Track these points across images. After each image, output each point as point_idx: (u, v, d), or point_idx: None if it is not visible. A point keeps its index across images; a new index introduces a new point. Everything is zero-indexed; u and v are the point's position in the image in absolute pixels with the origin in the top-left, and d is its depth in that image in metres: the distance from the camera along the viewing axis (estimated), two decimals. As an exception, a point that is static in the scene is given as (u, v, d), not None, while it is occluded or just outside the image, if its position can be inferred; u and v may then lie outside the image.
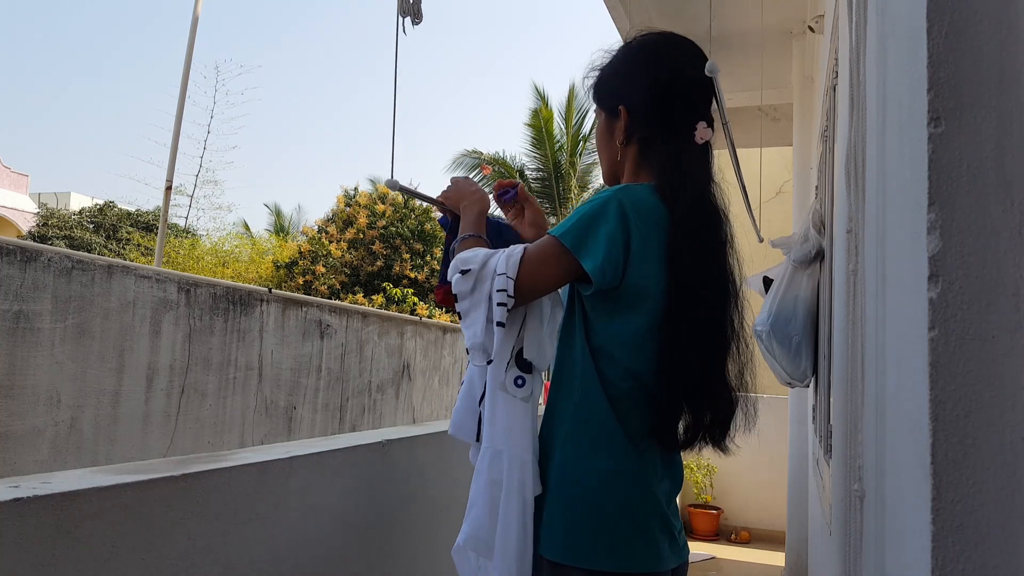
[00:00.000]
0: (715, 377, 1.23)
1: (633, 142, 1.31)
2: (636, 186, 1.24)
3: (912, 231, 0.67)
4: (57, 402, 3.63)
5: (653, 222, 1.19)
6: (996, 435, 0.59)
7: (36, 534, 0.87)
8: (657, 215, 1.20)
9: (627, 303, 1.19)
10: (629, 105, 1.30)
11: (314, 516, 1.37)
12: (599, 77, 1.38)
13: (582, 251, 1.15)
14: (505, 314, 1.17)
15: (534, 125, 16.58)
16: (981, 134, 0.62)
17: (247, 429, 4.93)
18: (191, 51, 8.19)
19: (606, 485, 1.17)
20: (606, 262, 1.14)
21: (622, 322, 1.20)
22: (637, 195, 1.20)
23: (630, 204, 1.18)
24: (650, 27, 1.39)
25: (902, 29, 0.76)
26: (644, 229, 1.17)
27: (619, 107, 1.31)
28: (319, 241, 13.38)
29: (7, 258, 3.43)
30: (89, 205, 20.51)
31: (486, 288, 1.20)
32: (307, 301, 5.71)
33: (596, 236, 1.15)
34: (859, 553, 1.13)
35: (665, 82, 1.28)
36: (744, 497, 6.07)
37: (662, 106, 1.28)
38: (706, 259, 1.21)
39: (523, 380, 1.23)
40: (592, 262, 1.14)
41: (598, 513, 1.17)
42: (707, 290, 1.21)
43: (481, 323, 1.21)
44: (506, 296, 1.17)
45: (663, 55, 1.32)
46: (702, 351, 1.20)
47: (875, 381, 0.95)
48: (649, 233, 1.18)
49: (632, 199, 1.19)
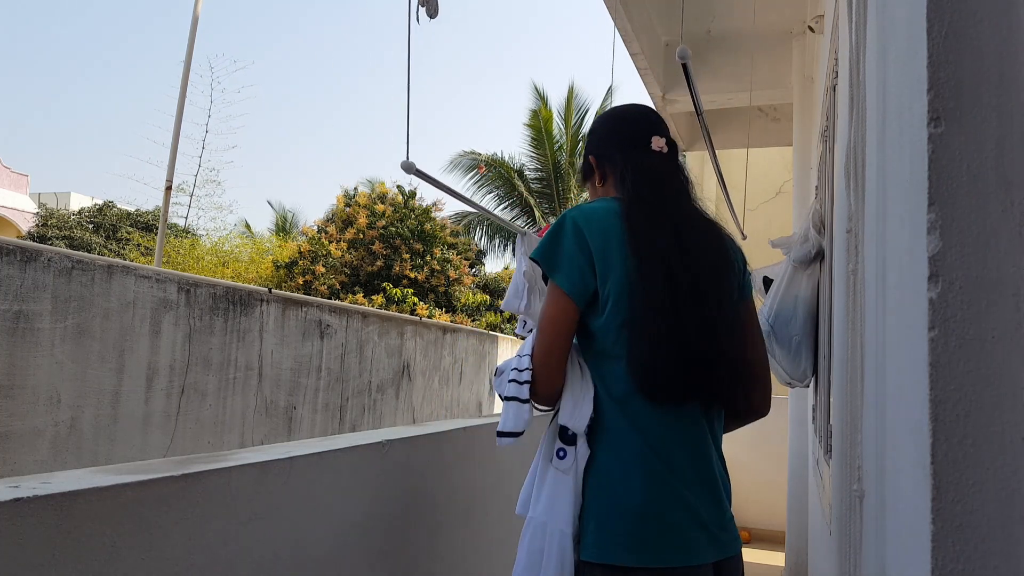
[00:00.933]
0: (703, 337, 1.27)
1: (606, 177, 1.49)
2: (588, 203, 1.40)
3: (912, 231, 0.67)
4: (57, 402, 3.63)
5: (609, 220, 1.32)
6: (996, 435, 0.59)
7: (36, 534, 0.87)
8: (610, 213, 1.33)
9: (611, 299, 1.29)
10: (594, 152, 1.51)
11: (314, 516, 1.37)
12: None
13: (553, 270, 1.30)
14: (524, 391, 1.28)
15: (533, 125, 16.59)
16: (981, 134, 0.62)
17: (247, 429, 4.93)
18: (191, 51, 8.19)
19: (624, 486, 1.24)
20: (573, 272, 1.29)
21: (607, 318, 1.29)
22: (587, 207, 1.35)
23: (580, 216, 1.33)
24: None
25: (902, 29, 0.76)
26: (600, 231, 1.30)
27: (590, 157, 1.51)
28: (319, 241, 13.38)
29: (7, 258, 3.43)
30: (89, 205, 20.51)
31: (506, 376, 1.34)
32: (307, 301, 5.71)
33: (558, 253, 1.31)
34: (859, 553, 1.13)
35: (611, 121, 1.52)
36: (744, 497, 6.07)
37: (612, 136, 1.49)
38: (670, 227, 1.31)
39: (564, 452, 1.28)
40: (561, 276, 1.29)
41: (619, 513, 1.23)
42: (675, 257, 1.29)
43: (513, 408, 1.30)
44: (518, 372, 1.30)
45: (615, 108, 1.56)
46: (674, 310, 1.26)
47: (875, 381, 0.95)
48: (607, 232, 1.30)
49: (582, 212, 1.34)
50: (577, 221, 1.31)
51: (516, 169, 16.69)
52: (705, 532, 1.25)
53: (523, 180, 16.61)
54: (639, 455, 1.24)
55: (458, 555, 1.99)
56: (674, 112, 5.27)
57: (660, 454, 1.25)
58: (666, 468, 1.24)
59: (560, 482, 1.26)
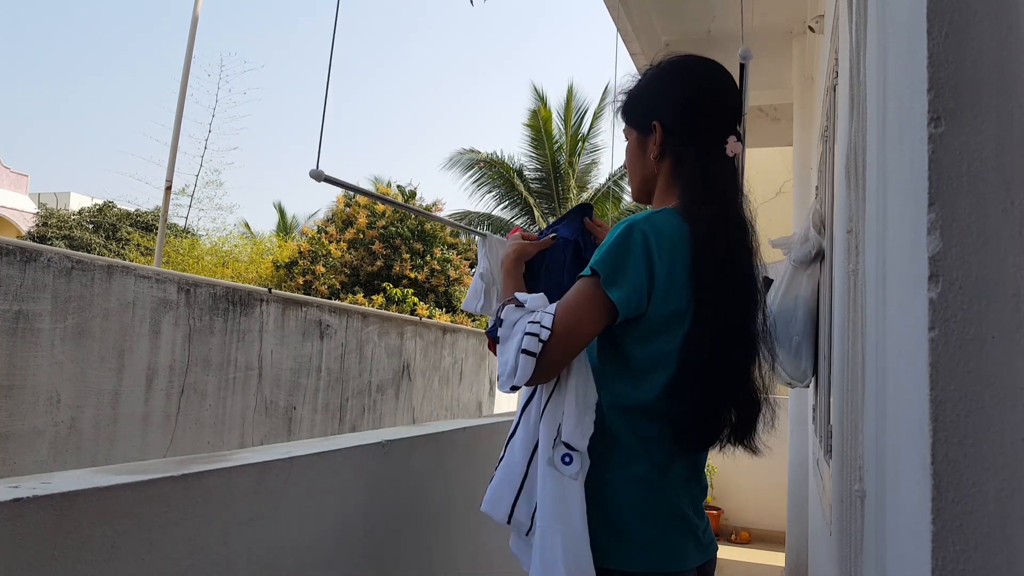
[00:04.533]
0: (739, 381, 1.26)
1: (667, 157, 1.34)
2: (658, 213, 1.26)
3: (912, 231, 0.67)
4: (57, 402, 3.63)
5: (677, 246, 1.22)
6: (996, 435, 0.59)
7: (36, 534, 0.87)
8: (680, 238, 1.23)
9: (657, 328, 1.22)
10: (663, 121, 1.33)
11: (314, 516, 1.37)
12: (628, 98, 1.42)
13: (610, 284, 1.18)
14: (536, 344, 1.17)
15: (533, 125, 16.58)
16: (981, 134, 0.62)
17: (247, 429, 4.93)
18: (191, 50, 8.20)
19: (625, 493, 1.23)
20: (632, 293, 1.18)
21: (654, 346, 1.23)
22: (659, 222, 1.23)
23: (652, 232, 1.21)
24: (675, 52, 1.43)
25: (902, 29, 0.76)
26: (668, 255, 1.21)
27: (653, 123, 1.34)
28: (319, 241, 13.38)
29: (7, 258, 3.43)
30: (89, 205, 20.50)
31: (522, 324, 1.22)
32: (307, 301, 5.71)
33: (624, 268, 1.19)
34: (859, 553, 1.13)
35: (695, 98, 1.32)
36: (744, 497, 6.07)
37: (693, 121, 1.31)
38: (729, 271, 1.23)
39: (570, 457, 1.22)
40: (619, 293, 1.17)
41: (618, 518, 1.22)
42: (733, 301, 1.23)
43: (513, 351, 1.20)
44: (539, 327, 1.18)
45: (694, 73, 1.36)
46: (726, 365, 1.22)
47: (875, 381, 0.95)
48: (674, 258, 1.21)
49: (654, 227, 1.22)
50: (648, 236, 1.20)
51: (516, 169, 16.69)
52: (694, 536, 1.27)
53: (523, 180, 16.61)
54: (639, 464, 1.24)
55: (458, 555, 1.99)
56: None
57: (661, 467, 1.24)
58: (664, 475, 1.24)
59: (569, 488, 1.20)
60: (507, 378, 1.21)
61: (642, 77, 1.42)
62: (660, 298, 1.20)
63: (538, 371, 1.18)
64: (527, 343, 1.17)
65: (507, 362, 1.21)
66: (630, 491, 1.23)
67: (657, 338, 1.22)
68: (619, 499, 1.23)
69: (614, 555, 1.20)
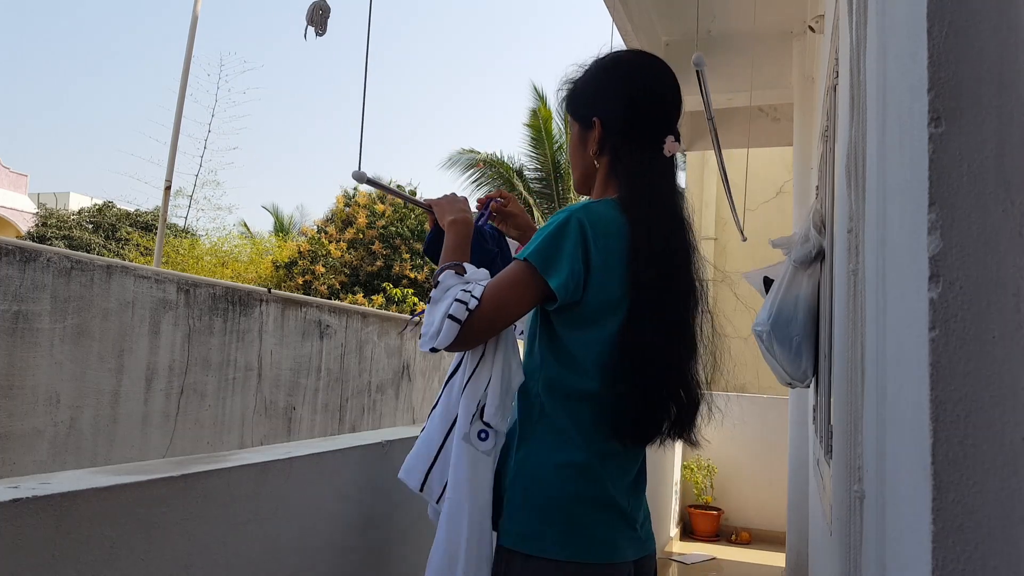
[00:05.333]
0: (678, 377, 1.27)
1: (605, 153, 1.35)
2: (596, 203, 1.29)
3: (912, 231, 0.67)
4: (56, 402, 3.63)
5: (613, 236, 1.24)
6: (996, 435, 0.59)
7: (36, 534, 0.86)
8: (616, 228, 1.25)
9: (591, 316, 1.24)
10: (603, 117, 1.34)
11: (314, 516, 1.37)
12: (573, 89, 1.42)
13: (548, 270, 1.20)
14: (463, 312, 1.19)
15: (533, 125, 16.58)
16: (981, 134, 0.62)
17: (247, 429, 4.93)
18: (190, 50, 8.20)
19: (559, 479, 1.23)
20: (569, 279, 1.20)
21: (589, 333, 1.24)
22: (596, 212, 1.26)
23: (588, 221, 1.23)
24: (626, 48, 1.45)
25: (902, 29, 0.76)
26: (604, 244, 1.23)
27: (593, 119, 1.35)
28: (318, 241, 13.38)
29: (6, 258, 3.43)
30: (88, 205, 20.50)
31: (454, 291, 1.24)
32: (307, 301, 5.71)
33: (559, 254, 1.20)
34: (860, 554, 1.13)
35: (636, 97, 1.33)
36: (744, 498, 6.07)
37: (633, 119, 1.33)
38: (666, 266, 1.26)
39: (486, 434, 1.25)
40: (557, 279, 1.19)
41: (550, 504, 1.22)
42: (669, 295, 1.26)
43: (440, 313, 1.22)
44: (469, 296, 1.20)
45: (636, 71, 1.37)
46: (663, 354, 1.24)
47: (876, 381, 0.95)
48: (609, 247, 1.23)
49: (591, 216, 1.24)
50: (584, 225, 1.23)
51: (516, 169, 16.69)
52: (630, 529, 1.28)
53: (523, 180, 16.61)
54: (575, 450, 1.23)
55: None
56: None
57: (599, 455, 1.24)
58: (600, 464, 1.24)
59: (480, 463, 1.24)
60: (428, 339, 1.24)
61: (587, 69, 1.42)
62: (595, 286, 1.22)
63: (459, 339, 1.20)
64: (454, 309, 1.19)
65: (431, 323, 1.24)
66: (564, 476, 1.23)
67: (591, 326, 1.24)
68: (552, 484, 1.23)
69: (543, 541, 1.21)
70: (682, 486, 6.07)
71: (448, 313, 1.20)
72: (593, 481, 1.24)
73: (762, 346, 2.53)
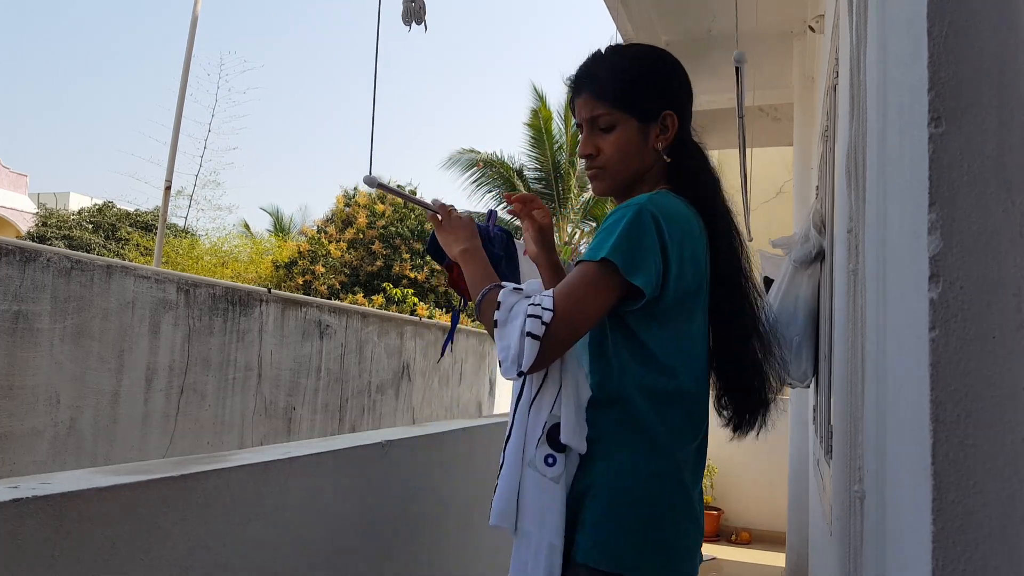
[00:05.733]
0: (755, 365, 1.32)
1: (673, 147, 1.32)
2: (660, 195, 1.23)
3: (913, 231, 0.67)
4: (56, 402, 3.63)
5: (685, 228, 1.22)
6: (996, 435, 0.59)
7: (36, 534, 0.86)
8: (685, 219, 1.23)
9: (672, 312, 1.20)
10: (678, 111, 1.32)
11: (314, 516, 1.37)
12: (625, 80, 1.32)
13: (632, 268, 1.14)
14: (539, 327, 1.11)
15: (533, 125, 16.57)
16: (982, 134, 0.62)
17: (247, 430, 4.93)
18: (190, 50, 8.19)
19: (652, 490, 1.17)
20: (654, 275, 1.15)
21: (668, 329, 1.21)
22: (665, 204, 1.21)
23: (662, 214, 1.18)
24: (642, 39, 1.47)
25: (902, 29, 0.76)
26: (678, 237, 1.19)
27: (664, 112, 1.30)
28: (318, 241, 13.38)
29: (6, 258, 3.43)
30: (88, 205, 20.50)
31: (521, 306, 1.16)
32: (306, 301, 5.71)
33: (640, 250, 1.15)
34: (860, 554, 1.13)
35: (687, 87, 1.36)
36: (745, 498, 6.07)
37: (688, 109, 1.35)
38: (736, 259, 1.31)
39: (554, 459, 1.18)
40: (643, 276, 1.14)
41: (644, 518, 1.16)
42: (741, 289, 1.31)
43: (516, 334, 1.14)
44: (541, 309, 1.13)
45: (680, 66, 1.39)
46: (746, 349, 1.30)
47: (876, 382, 0.95)
48: (684, 240, 1.20)
49: (663, 209, 1.19)
50: (658, 218, 1.17)
51: (516, 169, 16.68)
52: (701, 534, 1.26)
53: (523, 180, 16.61)
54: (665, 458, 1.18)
55: (458, 555, 1.98)
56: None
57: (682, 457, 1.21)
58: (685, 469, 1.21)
59: (548, 491, 1.16)
60: (511, 364, 1.14)
61: (631, 60, 1.35)
62: (674, 281, 1.18)
63: (542, 354, 1.12)
64: (530, 325, 1.12)
65: (508, 347, 1.14)
66: (658, 488, 1.17)
67: (672, 321, 1.21)
68: (645, 496, 1.16)
69: (636, 558, 1.13)
70: (682, 486, 6.05)
71: (525, 331, 1.12)
72: (682, 490, 1.19)
73: (762, 346, 2.53)
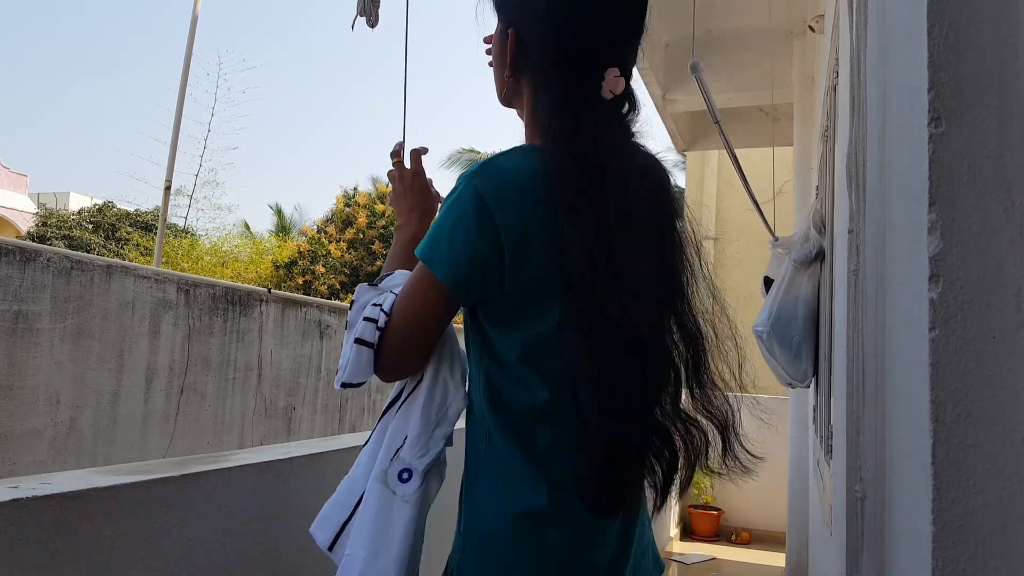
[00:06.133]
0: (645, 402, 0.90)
1: (523, 77, 1.01)
2: (503, 156, 0.94)
3: (913, 231, 0.67)
4: (56, 402, 3.63)
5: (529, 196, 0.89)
6: (996, 435, 0.59)
7: (36, 534, 0.86)
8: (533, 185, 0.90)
9: (518, 308, 0.91)
10: (520, 29, 0.99)
11: (314, 516, 1.37)
12: None
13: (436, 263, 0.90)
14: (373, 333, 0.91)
15: (534, 125, 16.57)
16: (982, 134, 0.62)
17: (247, 430, 4.93)
18: (190, 50, 8.20)
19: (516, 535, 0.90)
20: (468, 271, 0.89)
21: (523, 332, 0.92)
22: (501, 169, 0.92)
23: (490, 186, 0.89)
24: None
25: (902, 29, 0.76)
26: (516, 211, 0.89)
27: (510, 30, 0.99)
28: (318, 241, 13.39)
29: (6, 258, 3.43)
30: (88, 205, 20.51)
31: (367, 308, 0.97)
32: (306, 301, 5.71)
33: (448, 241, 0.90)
34: (860, 554, 1.13)
35: (567, 8, 0.95)
36: (745, 498, 6.07)
37: (558, 40, 0.95)
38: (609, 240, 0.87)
39: (410, 474, 0.95)
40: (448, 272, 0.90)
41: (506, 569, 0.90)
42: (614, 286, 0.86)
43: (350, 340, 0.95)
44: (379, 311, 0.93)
45: None
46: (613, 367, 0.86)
47: (876, 382, 0.95)
48: (524, 213, 0.89)
49: (493, 178, 0.90)
50: (482, 193, 0.88)
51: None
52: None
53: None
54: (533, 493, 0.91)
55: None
56: (674, 112, 5.27)
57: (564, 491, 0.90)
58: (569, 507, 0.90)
59: (396, 512, 0.93)
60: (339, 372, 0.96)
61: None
62: (513, 268, 0.88)
63: (381, 364, 0.93)
64: (362, 330, 0.92)
65: (344, 353, 0.95)
66: (522, 531, 0.89)
67: (523, 321, 0.91)
68: (506, 543, 0.90)
69: None
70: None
71: (355, 336, 0.92)
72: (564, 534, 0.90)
73: (762, 346, 2.53)
